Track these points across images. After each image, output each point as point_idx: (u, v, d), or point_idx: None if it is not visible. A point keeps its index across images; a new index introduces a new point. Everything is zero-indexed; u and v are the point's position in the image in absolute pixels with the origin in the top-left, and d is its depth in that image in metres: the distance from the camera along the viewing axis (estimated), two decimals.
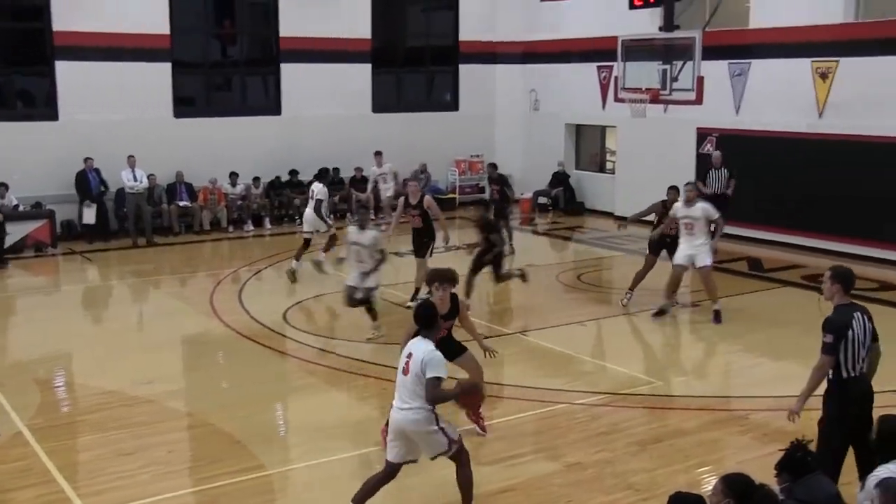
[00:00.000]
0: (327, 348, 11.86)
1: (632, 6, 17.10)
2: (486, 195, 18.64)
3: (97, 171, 19.20)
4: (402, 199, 14.48)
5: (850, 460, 6.88)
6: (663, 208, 13.61)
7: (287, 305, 13.86)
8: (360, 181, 22.41)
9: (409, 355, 6.94)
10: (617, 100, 17.18)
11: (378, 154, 21.94)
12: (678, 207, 13.04)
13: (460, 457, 7.09)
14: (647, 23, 19.52)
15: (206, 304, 14.22)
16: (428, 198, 14.12)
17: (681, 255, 12.91)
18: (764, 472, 5.79)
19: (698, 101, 15.48)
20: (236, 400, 10.10)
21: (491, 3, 24.54)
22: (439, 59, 24.88)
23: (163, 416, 9.56)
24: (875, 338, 6.99)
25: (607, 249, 18.75)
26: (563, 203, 23.31)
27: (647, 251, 13.98)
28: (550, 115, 23.97)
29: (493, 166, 18.97)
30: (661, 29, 16.73)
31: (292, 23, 21.72)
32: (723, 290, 14.39)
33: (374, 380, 10.68)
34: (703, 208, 12.79)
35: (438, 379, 6.79)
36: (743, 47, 18.95)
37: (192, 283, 16.52)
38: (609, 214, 22.02)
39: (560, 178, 23.53)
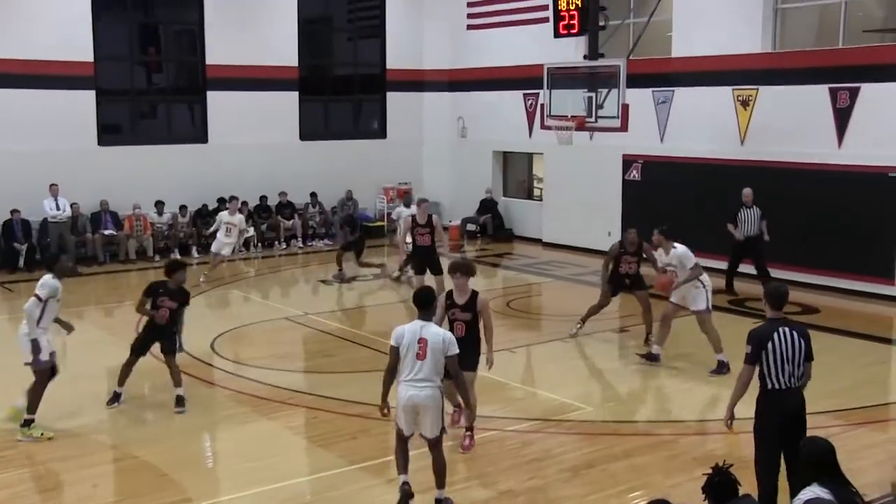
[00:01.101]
0: (256, 377, 11.69)
1: (557, 35, 17.29)
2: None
3: (24, 220, 19.11)
4: (409, 218, 15.22)
5: None
6: (620, 248, 13.12)
7: (215, 334, 13.65)
8: (286, 207, 22.25)
9: (422, 340, 7.62)
10: (543, 127, 17.30)
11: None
12: (661, 255, 12.43)
13: (441, 443, 7.85)
14: (572, 51, 19.79)
15: (132, 334, 13.86)
16: (435, 217, 15.19)
17: (675, 294, 12.22)
18: (693, 496, 5.84)
19: (623, 128, 15.63)
20: (162, 432, 9.90)
21: (418, 32, 24.69)
22: (367, 87, 24.93)
23: (87, 450, 9.31)
24: (808, 358, 7.18)
25: (536, 275, 18.88)
26: (491, 230, 23.44)
27: (606, 286, 13.41)
28: (478, 143, 24.14)
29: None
30: (585, 57, 16.90)
31: (219, 50, 21.60)
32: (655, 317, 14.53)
33: (304, 409, 10.55)
34: (677, 255, 12.02)
35: (457, 355, 7.70)
36: (666, 76, 19.34)
37: (117, 313, 16.18)
38: (537, 241, 22.19)
39: (488, 205, 23.67)
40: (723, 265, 18.25)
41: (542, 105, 17.15)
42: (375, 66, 24.74)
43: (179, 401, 10.50)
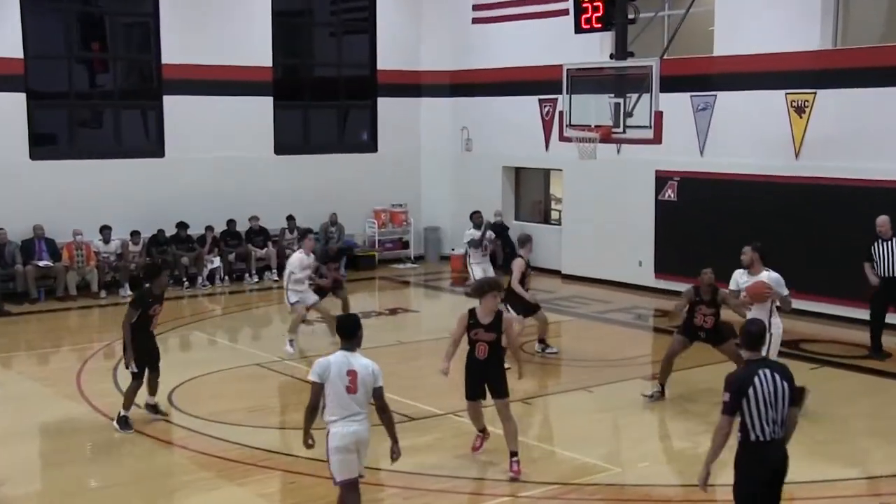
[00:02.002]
0: (222, 435, 11.72)
1: (579, 30, 17.42)
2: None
3: None
4: (521, 261, 15.04)
5: None
6: (695, 296, 13.13)
7: (173, 385, 13.66)
8: (258, 234, 22.35)
9: (351, 373, 8.13)
10: (562, 139, 17.36)
11: (477, 215, 19.33)
12: (742, 277, 12.59)
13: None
14: (596, 50, 19.95)
15: (72, 385, 13.97)
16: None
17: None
18: None
19: (657, 139, 15.71)
20: (107, 502, 9.89)
21: (414, 26, 24.89)
22: (354, 92, 25.09)
23: None
24: (793, 402, 7.41)
25: (554, 313, 18.90)
26: (500, 260, 23.45)
27: (678, 335, 13.53)
28: (485, 157, 24.26)
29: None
30: (612, 57, 17.01)
31: (177, 48, 21.75)
32: (689, 359, 14.62)
33: (279, 473, 10.58)
34: (773, 280, 12.28)
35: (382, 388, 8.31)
36: (707, 78, 19.48)
37: (53, 360, 16.21)
38: (555, 273, 22.26)
39: (497, 231, 23.70)
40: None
41: (561, 113, 17.24)
42: (364, 67, 24.91)
43: (155, 408, 12.24)
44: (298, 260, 15.83)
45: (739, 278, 12.64)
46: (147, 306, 11.92)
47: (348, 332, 8.35)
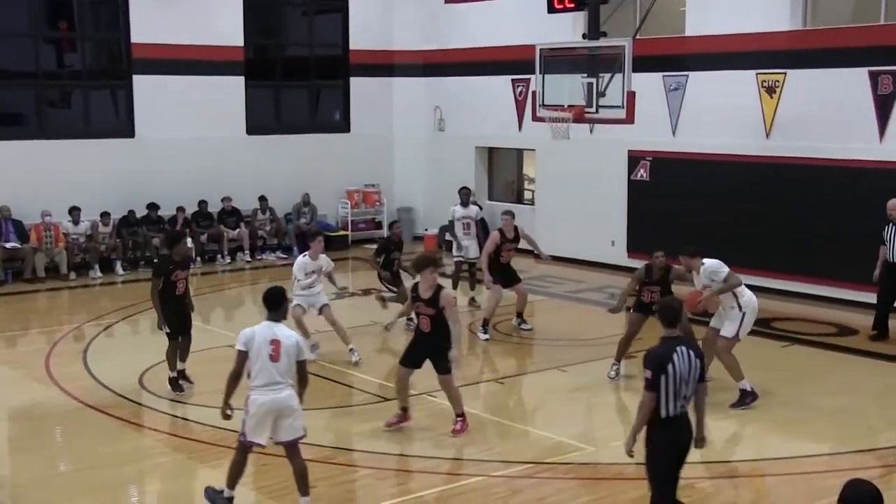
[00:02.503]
0: (194, 418, 11.66)
1: (551, 10, 17.38)
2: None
3: None
4: (495, 234, 15.76)
5: None
6: (645, 276, 13.22)
7: (144, 367, 13.58)
8: (230, 214, 22.23)
9: (275, 342, 8.52)
10: (535, 119, 17.36)
11: (465, 191, 18.91)
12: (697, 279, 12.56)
13: (299, 447, 8.81)
14: (568, 30, 19.90)
15: (41, 368, 13.85)
16: (521, 228, 16.11)
17: (715, 318, 12.51)
18: None
19: (629, 119, 15.72)
20: (77, 486, 9.82)
21: (387, 6, 24.79)
22: (326, 72, 24.99)
23: None
24: (702, 377, 7.62)
25: (528, 293, 18.90)
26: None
27: (634, 314, 13.54)
28: (458, 137, 24.21)
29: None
30: (584, 37, 16.98)
31: (147, 26, 21.55)
32: (651, 338, 14.61)
33: (252, 455, 10.51)
34: (707, 273, 12.26)
35: (305, 362, 8.74)
36: (679, 58, 19.50)
37: (22, 343, 16.09)
38: (528, 252, 22.24)
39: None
40: (755, 282, 18.39)
41: (534, 93, 17.23)
42: (336, 47, 24.79)
43: (182, 375, 12.62)
44: (302, 265, 14.31)
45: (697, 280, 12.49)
46: (168, 273, 12.27)
47: (273, 303, 8.75)
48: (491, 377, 13.55)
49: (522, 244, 16.18)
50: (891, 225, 14.84)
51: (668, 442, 7.50)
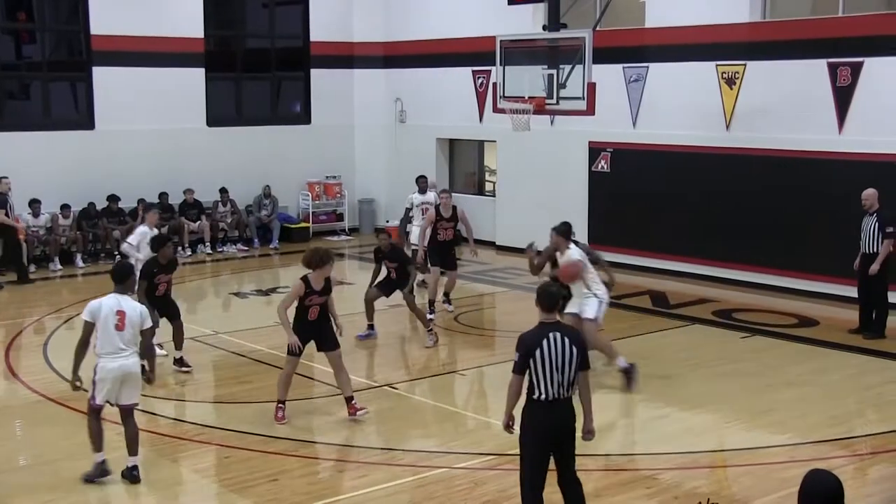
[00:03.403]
0: (155, 410, 11.54)
1: (512, 1, 17.38)
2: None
3: None
4: (431, 211, 16.22)
5: None
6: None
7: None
8: (191, 207, 22.05)
9: (120, 313, 9.21)
10: (496, 110, 17.33)
11: (423, 179, 19.04)
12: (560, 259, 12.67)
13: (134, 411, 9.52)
14: (528, 21, 19.88)
15: (0, 361, 13.69)
16: (461, 210, 16.31)
17: (572, 304, 12.50)
18: None
19: (590, 111, 15.71)
20: (38, 480, 9.68)
21: None
22: (287, 64, 24.86)
23: None
24: (582, 367, 7.68)
25: (488, 285, 18.91)
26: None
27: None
28: (419, 129, 24.15)
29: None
30: (545, 28, 16.99)
31: (106, 18, 21.34)
32: (621, 330, 14.72)
33: (214, 448, 10.44)
34: (568, 254, 12.34)
35: (152, 328, 9.65)
36: (639, 49, 19.52)
37: None
38: (489, 244, 22.25)
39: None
40: (709, 272, 18.50)
41: (495, 84, 17.20)
42: (297, 39, 24.65)
43: (181, 361, 13.06)
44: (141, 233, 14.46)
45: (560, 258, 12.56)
46: (152, 275, 12.59)
47: (120, 277, 9.50)
48: (451, 369, 13.51)
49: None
50: (867, 215, 14.61)
51: (537, 423, 7.61)
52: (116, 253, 20.67)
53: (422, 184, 18.53)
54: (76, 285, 19.18)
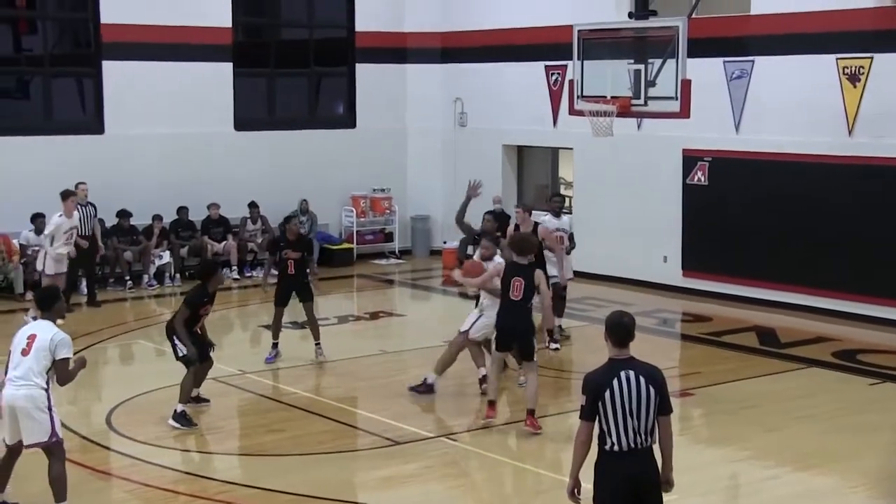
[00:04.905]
0: (171, 464, 11.57)
1: None
2: None
3: None
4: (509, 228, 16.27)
5: None
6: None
7: (113, 404, 13.53)
8: (216, 224, 22.15)
9: (31, 336, 9.43)
10: (573, 112, 17.28)
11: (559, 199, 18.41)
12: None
13: (57, 451, 9.65)
14: (612, 8, 19.81)
15: None
16: (543, 228, 16.22)
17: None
18: None
19: (684, 113, 15.63)
20: None
21: None
22: (328, 58, 25.01)
23: None
24: (662, 411, 7.55)
25: (565, 318, 18.76)
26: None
27: None
28: (483, 134, 24.15)
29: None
30: (631, 16, 16.97)
31: (118, 5, 21.55)
32: (722, 373, 14.57)
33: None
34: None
35: (68, 360, 9.50)
36: (743, 41, 19.38)
37: None
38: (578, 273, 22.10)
39: (498, 220, 23.56)
40: (827, 304, 18.22)
41: (572, 82, 17.16)
42: (340, 29, 24.78)
43: (198, 398, 13.33)
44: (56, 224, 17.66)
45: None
46: (199, 305, 12.92)
47: (44, 304, 9.81)
48: (520, 418, 13.38)
49: None
50: None
51: (611, 477, 7.50)
52: (127, 278, 20.87)
53: (557, 204, 17.70)
54: (78, 318, 18.85)
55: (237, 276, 22.08)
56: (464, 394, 14.36)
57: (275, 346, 15.75)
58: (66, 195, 18.12)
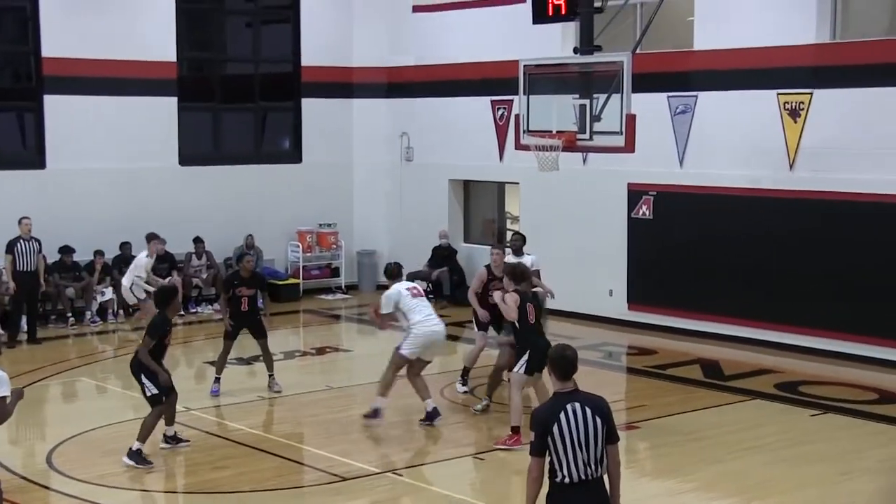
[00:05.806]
0: (112, 503, 11.45)
1: (537, 19, 17.40)
2: None
3: None
4: (482, 270, 15.89)
5: None
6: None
7: (54, 442, 13.41)
8: (161, 260, 22.00)
9: None
10: (519, 147, 17.32)
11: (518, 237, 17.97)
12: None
13: None
14: (557, 43, 19.94)
15: None
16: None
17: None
18: None
19: (629, 147, 15.66)
20: None
21: (345, 15, 24.84)
22: (274, 92, 24.99)
23: None
24: (610, 439, 7.62)
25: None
26: (448, 288, 23.36)
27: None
28: (429, 168, 24.20)
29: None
30: (576, 51, 17.02)
31: (60, 38, 21.45)
32: (669, 405, 14.62)
33: None
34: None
35: (5, 398, 9.07)
36: (686, 76, 19.57)
37: None
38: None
39: (444, 255, 23.62)
40: (770, 337, 18.37)
41: (518, 117, 17.22)
42: (286, 63, 24.80)
43: (175, 438, 13.14)
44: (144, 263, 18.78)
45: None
46: (164, 334, 12.67)
47: None
48: (465, 453, 13.36)
49: None
50: None
51: None
52: (69, 315, 20.70)
53: (516, 242, 17.54)
54: (20, 354, 18.74)
55: (182, 312, 21.94)
56: (409, 429, 14.37)
57: (217, 380, 15.73)
58: (150, 238, 19.48)
